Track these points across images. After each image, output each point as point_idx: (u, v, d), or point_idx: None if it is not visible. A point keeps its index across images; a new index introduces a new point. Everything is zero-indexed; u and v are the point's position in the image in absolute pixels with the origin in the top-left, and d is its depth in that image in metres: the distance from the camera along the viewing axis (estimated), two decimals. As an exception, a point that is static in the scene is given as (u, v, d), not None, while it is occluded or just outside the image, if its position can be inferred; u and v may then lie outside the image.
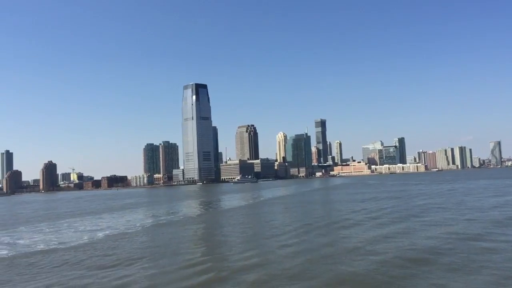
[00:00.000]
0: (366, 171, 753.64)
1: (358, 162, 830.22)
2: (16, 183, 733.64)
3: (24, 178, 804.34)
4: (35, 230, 67.93)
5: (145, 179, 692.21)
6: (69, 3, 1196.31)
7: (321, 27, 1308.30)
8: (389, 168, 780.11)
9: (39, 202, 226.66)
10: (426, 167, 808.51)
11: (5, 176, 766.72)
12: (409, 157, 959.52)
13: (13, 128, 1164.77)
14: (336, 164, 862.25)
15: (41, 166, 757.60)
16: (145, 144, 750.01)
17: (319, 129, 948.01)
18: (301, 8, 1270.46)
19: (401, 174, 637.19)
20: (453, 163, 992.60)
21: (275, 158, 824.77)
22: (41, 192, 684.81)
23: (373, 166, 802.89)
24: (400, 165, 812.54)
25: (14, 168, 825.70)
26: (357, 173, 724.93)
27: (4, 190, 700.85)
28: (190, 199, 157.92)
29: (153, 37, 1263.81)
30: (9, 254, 43.73)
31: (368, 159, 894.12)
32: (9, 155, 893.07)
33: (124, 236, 54.05)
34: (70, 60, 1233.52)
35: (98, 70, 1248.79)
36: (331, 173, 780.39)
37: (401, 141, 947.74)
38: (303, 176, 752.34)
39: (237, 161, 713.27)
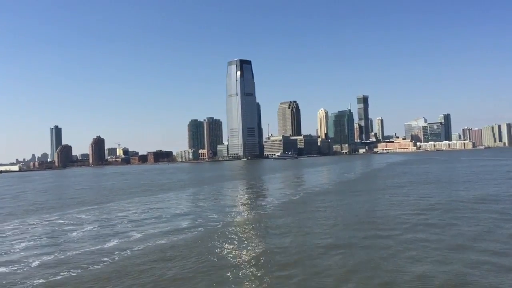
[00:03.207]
0: (412, 148, 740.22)
1: (403, 139, 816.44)
2: (67, 158, 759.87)
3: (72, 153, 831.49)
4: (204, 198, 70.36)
5: (190, 154, 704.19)
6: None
7: (364, 4, 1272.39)
8: (434, 145, 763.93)
9: (112, 175, 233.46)
10: (474, 144, 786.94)
11: (57, 150, 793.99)
12: (453, 134, 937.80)
13: (61, 104, 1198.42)
14: (379, 141, 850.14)
15: (90, 141, 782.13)
16: (190, 120, 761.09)
17: (361, 105, 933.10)
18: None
19: (448, 151, 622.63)
20: (500, 140, 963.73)
21: (316, 135, 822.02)
22: (91, 166, 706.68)
23: (418, 143, 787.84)
24: (446, 142, 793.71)
25: (63, 143, 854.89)
26: (402, 150, 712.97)
27: (56, 164, 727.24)
28: (269, 173, 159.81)
29: (198, 12, 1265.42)
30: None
31: (412, 136, 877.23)
32: (58, 130, 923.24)
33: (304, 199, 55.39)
34: (115, 36, 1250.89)
35: (144, 46, 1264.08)
36: (374, 149, 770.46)
37: (447, 117, 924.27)
38: (346, 152, 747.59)
39: (280, 137, 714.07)
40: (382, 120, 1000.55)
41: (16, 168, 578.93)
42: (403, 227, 35.35)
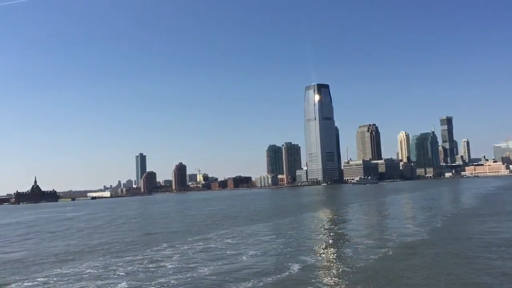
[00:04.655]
0: (504, 172, 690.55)
1: (494, 161, 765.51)
2: (151, 184, 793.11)
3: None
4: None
5: (269, 179, 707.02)
6: (192, 14, 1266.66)
7: (447, 19, 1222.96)
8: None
9: (203, 200, 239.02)
10: None
11: (142, 177, 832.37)
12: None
13: (144, 133, 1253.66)
14: (466, 164, 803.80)
15: (171, 167, 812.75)
16: (268, 146, 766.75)
17: (445, 127, 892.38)
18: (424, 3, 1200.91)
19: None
20: None
21: (396, 158, 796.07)
22: (174, 192, 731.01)
23: (511, 166, 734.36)
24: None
25: (147, 170, 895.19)
26: (493, 174, 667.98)
27: (142, 190, 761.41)
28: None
29: (274, 38, 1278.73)
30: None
31: (502, 158, 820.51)
32: (142, 158, 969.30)
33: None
34: (193, 64, 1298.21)
35: (222, 74, 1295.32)
36: (462, 173, 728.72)
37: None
38: (430, 177, 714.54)
39: (360, 162, 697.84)
40: (468, 142, 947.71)
41: (107, 194, 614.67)
42: None
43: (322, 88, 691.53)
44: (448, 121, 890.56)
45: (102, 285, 33.35)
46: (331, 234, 57.73)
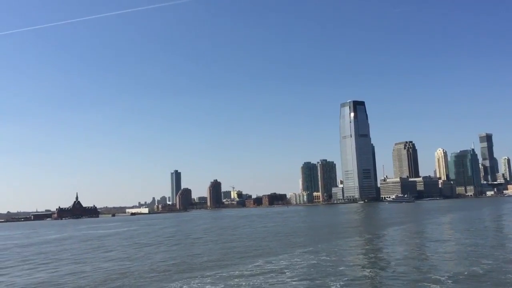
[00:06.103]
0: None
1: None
2: (186, 201, 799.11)
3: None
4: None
5: (305, 197, 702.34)
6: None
7: (484, 37, 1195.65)
8: None
9: (244, 217, 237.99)
10: None
11: (178, 194, 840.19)
12: None
13: (179, 150, 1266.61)
14: (508, 182, 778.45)
15: (205, 184, 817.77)
16: (303, 163, 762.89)
17: (484, 144, 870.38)
18: (463, 9, 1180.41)
19: None
20: None
21: (434, 176, 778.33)
22: (209, 209, 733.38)
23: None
24: None
25: (182, 186, 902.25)
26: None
27: (177, 206, 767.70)
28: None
29: (309, 55, 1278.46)
30: None
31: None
32: (177, 175, 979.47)
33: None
34: (227, 82, 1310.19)
35: (256, 92, 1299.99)
36: (504, 192, 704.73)
37: None
38: (471, 195, 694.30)
39: (398, 179, 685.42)
40: (509, 160, 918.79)
41: (146, 210, 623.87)
42: None
43: (358, 105, 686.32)
44: (488, 138, 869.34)
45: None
46: (428, 251, 55.72)
